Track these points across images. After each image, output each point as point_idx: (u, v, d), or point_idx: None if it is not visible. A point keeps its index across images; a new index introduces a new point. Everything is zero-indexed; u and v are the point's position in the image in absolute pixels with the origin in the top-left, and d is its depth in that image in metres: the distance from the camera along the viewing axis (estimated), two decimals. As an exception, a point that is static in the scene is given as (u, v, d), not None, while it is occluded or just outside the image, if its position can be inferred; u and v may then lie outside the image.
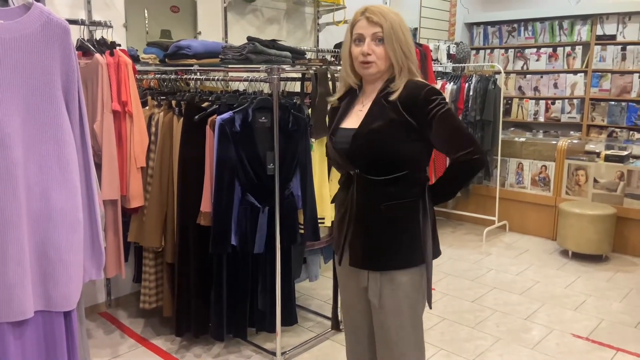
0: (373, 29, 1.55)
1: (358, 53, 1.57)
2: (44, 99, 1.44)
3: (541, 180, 4.67)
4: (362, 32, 1.57)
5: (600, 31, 5.25)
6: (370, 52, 1.56)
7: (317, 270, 3.12)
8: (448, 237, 4.77)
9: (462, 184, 1.68)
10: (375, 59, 1.56)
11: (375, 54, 1.56)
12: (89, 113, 2.31)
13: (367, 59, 1.56)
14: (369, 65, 1.57)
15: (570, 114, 5.51)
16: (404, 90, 1.56)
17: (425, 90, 1.55)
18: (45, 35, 1.43)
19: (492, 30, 6.00)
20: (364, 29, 1.57)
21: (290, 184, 2.53)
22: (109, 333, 2.92)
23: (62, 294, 1.48)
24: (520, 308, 3.28)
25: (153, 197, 2.65)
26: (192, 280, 2.59)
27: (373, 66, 1.58)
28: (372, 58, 1.56)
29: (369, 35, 1.56)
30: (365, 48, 1.56)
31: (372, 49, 1.56)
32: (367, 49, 1.55)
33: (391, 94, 1.57)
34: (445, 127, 1.54)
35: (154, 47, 3.05)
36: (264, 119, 2.45)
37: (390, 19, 1.55)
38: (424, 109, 1.53)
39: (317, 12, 4.25)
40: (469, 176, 1.64)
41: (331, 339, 2.86)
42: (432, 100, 1.53)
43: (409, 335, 1.65)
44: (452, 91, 4.67)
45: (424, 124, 1.54)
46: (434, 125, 1.53)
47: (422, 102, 1.53)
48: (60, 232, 1.46)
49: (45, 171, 1.44)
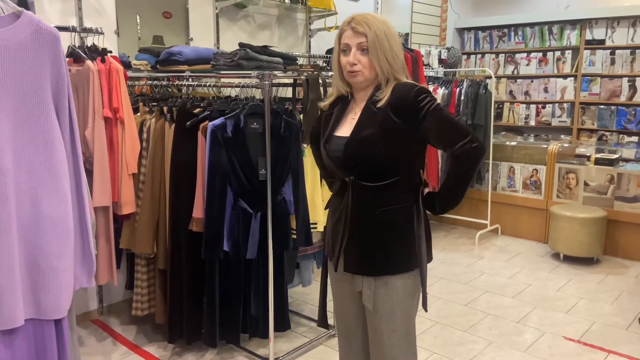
0: (358, 39, 1.57)
1: (345, 63, 1.60)
2: (34, 106, 1.44)
3: (532, 184, 4.71)
4: (347, 42, 1.60)
5: (590, 36, 5.31)
6: (356, 62, 1.58)
7: (310, 276, 3.12)
8: (441, 240, 4.79)
9: (469, 176, 1.59)
10: (361, 68, 1.59)
11: (361, 63, 1.58)
12: (80, 120, 2.30)
13: (353, 68, 1.59)
14: (355, 74, 1.60)
15: (561, 117, 5.56)
16: (392, 94, 1.57)
17: (414, 89, 1.56)
18: (35, 43, 1.43)
19: (483, 35, 6.05)
20: (349, 38, 1.59)
21: (283, 190, 2.54)
22: (101, 340, 2.90)
23: (52, 302, 1.47)
24: (513, 311, 3.30)
25: (145, 203, 2.64)
26: (185, 286, 2.59)
27: (359, 75, 1.60)
28: (358, 67, 1.58)
29: (354, 45, 1.58)
30: (351, 58, 1.58)
31: (357, 58, 1.58)
32: (352, 59, 1.58)
33: (379, 100, 1.59)
34: (439, 122, 1.55)
35: (145, 53, 3.05)
36: (255, 125, 2.45)
37: (375, 28, 1.56)
38: (415, 107, 1.54)
39: (308, 18, 4.27)
40: (472, 166, 1.57)
41: (324, 344, 2.86)
42: (422, 98, 1.55)
43: (402, 340, 1.66)
44: (443, 96, 4.70)
45: (415, 123, 1.55)
46: (427, 121, 1.54)
47: (413, 101, 1.55)
48: (51, 239, 1.45)
49: (36, 178, 1.44)
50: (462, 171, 1.58)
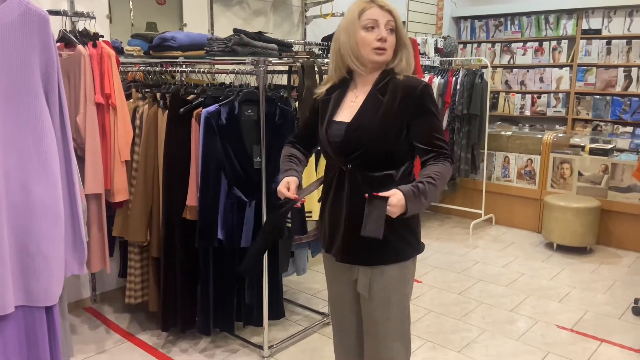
0: (387, 17, 1.55)
1: (373, 39, 1.54)
2: (23, 90, 1.41)
3: (527, 174, 4.71)
4: (376, 19, 1.54)
5: (586, 25, 5.29)
6: (387, 39, 1.55)
7: (305, 264, 3.11)
8: (435, 230, 4.79)
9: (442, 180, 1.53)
10: (388, 47, 1.56)
11: (388, 41, 1.56)
12: (71, 105, 2.27)
13: (384, 45, 1.54)
14: (382, 52, 1.56)
15: (556, 107, 5.56)
16: (401, 86, 1.57)
17: (423, 85, 1.57)
18: (23, 25, 1.39)
19: (479, 24, 6.01)
20: (378, 15, 1.54)
21: (277, 178, 2.52)
22: (94, 328, 2.89)
23: (43, 288, 1.46)
24: (506, 300, 3.31)
25: (138, 190, 2.62)
26: (178, 274, 2.57)
27: (386, 54, 1.57)
28: (387, 44, 1.55)
29: (383, 23, 1.55)
30: (384, 33, 1.54)
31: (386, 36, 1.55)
32: (385, 34, 1.54)
33: (387, 88, 1.57)
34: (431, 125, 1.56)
35: (138, 39, 3.00)
36: (250, 112, 2.43)
37: (396, 10, 1.57)
38: (417, 102, 1.55)
39: (304, 5, 4.22)
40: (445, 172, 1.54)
41: (319, 332, 2.86)
42: (427, 98, 1.56)
43: (396, 328, 1.66)
44: (439, 85, 4.68)
45: (410, 116, 1.55)
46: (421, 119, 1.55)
47: (418, 96, 1.55)
48: (41, 225, 1.43)
49: (25, 163, 1.41)
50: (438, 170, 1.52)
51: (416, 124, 1.56)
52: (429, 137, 1.56)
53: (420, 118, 1.55)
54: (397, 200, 1.43)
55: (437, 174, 1.52)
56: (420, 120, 1.56)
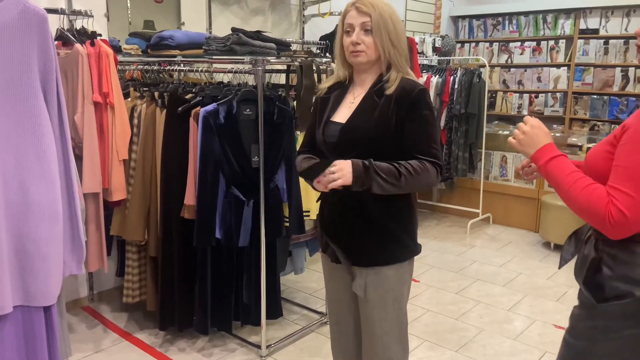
0: (362, 19, 1.56)
1: (348, 43, 1.59)
2: (21, 89, 1.41)
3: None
4: (351, 22, 1.58)
5: (584, 25, 5.30)
6: (360, 42, 1.56)
7: (303, 263, 3.12)
8: (432, 229, 4.80)
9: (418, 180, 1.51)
10: (364, 48, 1.57)
11: (364, 43, 1.57)
12: (69, 104, 2.26)
13: (356, 48, 1.57)
14: (357, 54, 1.58)
15: (554, 107, 5.56)
16: (398, 87, 1.57)
17: (419, 88, 1.57)
18: (22, 24, 1.39)
19: (477, 23, 6.01)
20: (353, 18, 1.58)
21: (275, 177, 2.52)
22: (91, 327, 2.88)
23: (41, 288, 1.45)
24: (503, 299, 3.32)
25: (136, 190, 2.61)
26: (176, 273, 2.57)
27: (362, 55, 1.58)
28: (361, 47, 1.57)
29: (358, 25, 1.57)
30: (354, 37, 1.57)
31: (361, 38, 1.57)
32: (355, 39, 1.56)
33: (384, 90, 1.58)
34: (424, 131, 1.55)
35: (136, 37, 2.99)
36: (248, 111, 2.43)
37: (380, 10, 1.56)
38: (412, 104, 1.55)
39: (302, 4, 4.22)
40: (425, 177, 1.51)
41: (316, 332, 2.87)
42: (423, 101, 1.55)
43: (393, 328, 1.67)
44: (437, 84, 4.68)
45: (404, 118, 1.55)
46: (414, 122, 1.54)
47: (413, 98, 1.55)
48: (39, 225, 1.43)
49: (23, 163, 1.41)
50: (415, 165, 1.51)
51: (407, 128, 1.55)
52: (419, 144, 1.55)
53: (412, 123, 1.55)
54: (345, 164, 1.46)
55: (411, 167, 1.49)
56: (412, 126, 1.55)
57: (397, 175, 1.49)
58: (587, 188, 1.18)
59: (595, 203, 1.15)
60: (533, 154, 1.28)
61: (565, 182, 1.21)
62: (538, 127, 1.28)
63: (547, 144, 1.27)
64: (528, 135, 1.28)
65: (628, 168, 1.14)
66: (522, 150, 1.30)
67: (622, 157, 1.16)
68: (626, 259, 1.20)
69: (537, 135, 1.28)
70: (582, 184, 1.19)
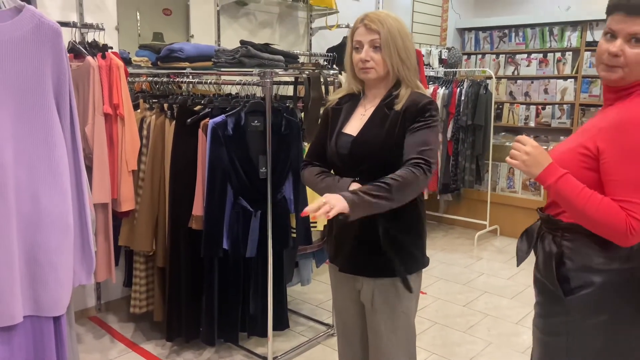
0: (371, 36, 1.58)
1: (357, 60, 1.61)
2: (35, 102, 1.43)
3: (532, 185, 4.70)
4: (360, 39, 1.60)
5: (590, 37, 5.31)
6: (369, 59, 1.59)
7: (309, 274, 3.11)
8: (439, 241, 4.78)
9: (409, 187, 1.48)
10: (374, 65, 1.60)
11: (373, 60, 1.59)
12: (80, 116, 2.28)
13: (365, 65, 1.60)
14: (367, 70, 1.61)
15: (561, 119, 5.55)
16: (407, 100, 1.59)
17: (428, 101, 1.59)
18: (36, 38, 1.42)
19: (484, 35, 6.04)
20: (362, 36, 1.60)
21: (283, 188, 2.53)
22: (98, 338, 2.89)
23: (51, 298, 1.46)
24: (511, 312, 3.29)
25: (144, 200, 2.63)
26: (183, 284, 2.58)
27: (372, 72, 1.61)
28: (370, 64, 1.59)
29: (367, 43, 1.59)
30: (363, 55, 1.59)
31: (370, 55, 1.59)
32: (364, 56, 1.59)
33: (395, 104, 1.60)
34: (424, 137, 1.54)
35: (146, 49, 3.03)
36: (256, 123, 2.44)
37: (389, 26, 1.57)
38: (418, 115, 1.57)
39: (309, 16, 4.26)
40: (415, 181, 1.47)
41: (323, 344, 2.86)
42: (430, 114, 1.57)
43: (401, 340, 1.66)
44: (443, 96, 4.69)
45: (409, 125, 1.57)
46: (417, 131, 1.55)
47: (420, 110, 1.57)
48: (50, 235, 1.44)
49: (36, 174, 1.43)
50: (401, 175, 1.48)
51: (409, 133, 1.56)
52: (414, 146, 1.53)
53: (413, 130, 1.55)
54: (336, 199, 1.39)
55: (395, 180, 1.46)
56: (414, 131, 1.55)
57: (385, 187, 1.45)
58: (602, 204, 1.22)
59: (614, 219, 1.21)
60: (539, 175, 1.30)
61: (578, 200, 1.25)
62: (537, 146, 1.31)
63: (550, 164, 1.30)
64: (532, 156, 1.30)
65: (634, 180, 1.20)
66: (526, 170, 1.32)
67: (621, 171, 1.22)
68: (584, 250, 1.29)
69: (540, 154, 1.30)
70: (595, 201, 1.23)
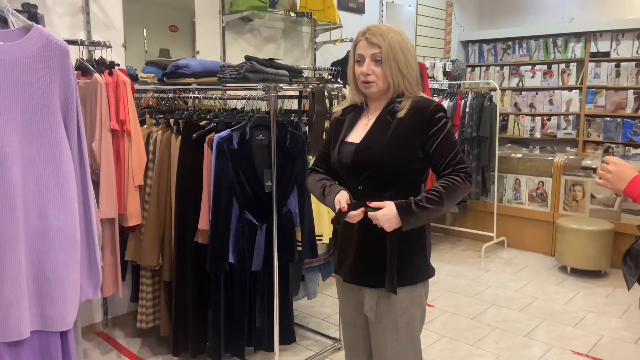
0: (372, 50, 1.59)
1: (359, 73, 1.63)
2: (43, 119, 1.45)
3: (538, 196, 4.69)
4: (362, 53, 1.62)
5: (594, 48, 5.32)
6: (370, 72, 1.60)
7: (315, 288, 3.10)
8: (447, 253, 4.76)
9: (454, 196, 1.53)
10: (375, 79, 1.61)
11: (375, 73, 1.61)
12: (87, 132, 2.31)
13: (367, 79, 1.61)
14: (369, 85, 1.62)
15: (566, 130, 5.55)
16: (410, 107, 1.60)
17: (433, 105, 1.60)
18: (44, 56, 1.44)
19: (487, 47, 6.06)
20: (363, 49, 1.61)
21: (288, 201, 2.54)
22: (105, 353, 2.89)
23: (58, 313, 1.47)
24: (520, 325, 3.26)
25: (151, 215, 2.65)
26: (190, 298, 2.58)
27: (373, 86, 1.62)
28: (372, 78, 1.61)
29: (368, 56, 1.60)
30: (365, 69, 1.60)
31: (371, 69, 1.60)
32: (366, 70, 1.60)
33: (397, 111, 1.61)
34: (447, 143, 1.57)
35: (152, 66, 3.08)
36: (261, 137, 2.46)
37: (390, 40, 1.59)
38: (429, 123, 1.57)
39: (314, 31, 4.30)
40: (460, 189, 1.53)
41: (330, 358, 2.84)
42: (440, 117, 1.58)
43: (407, 352, 1.65)
44: (448, 108, 4.70)
45: (424, 137, 1.57)
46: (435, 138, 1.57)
47: (429, 117, 1.58)
48: (58, 250, 1.46)
49: (43, 190, 1.45)
50: (451, 186, 1.53)
51: (432, 144, 1.57)
52: (445, 156, 1.56)
53: (435, 140, 1.57)
54: (388, 210, 1.49)
55: (443, 188, 1.52)
56: (435, 140, 1.57)
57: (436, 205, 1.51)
58: None
59: None
60: (625, 189, 1.38)
61: None
62: (620, 163, 1.39)
63: (635, 177, 1.36)
64: (615, 174, 1.40)
65: None
66: (612, 188, 1.40)
67: None
68: None
69: (623, 171, 1.39)
70: None
